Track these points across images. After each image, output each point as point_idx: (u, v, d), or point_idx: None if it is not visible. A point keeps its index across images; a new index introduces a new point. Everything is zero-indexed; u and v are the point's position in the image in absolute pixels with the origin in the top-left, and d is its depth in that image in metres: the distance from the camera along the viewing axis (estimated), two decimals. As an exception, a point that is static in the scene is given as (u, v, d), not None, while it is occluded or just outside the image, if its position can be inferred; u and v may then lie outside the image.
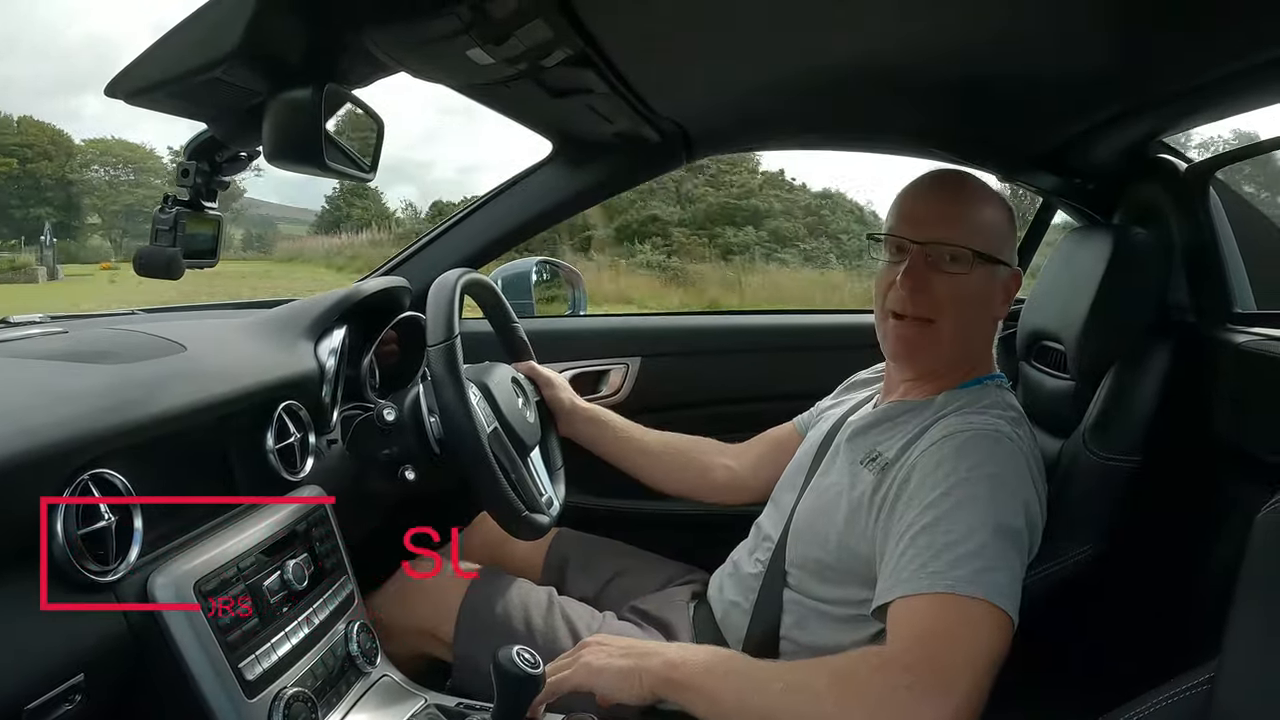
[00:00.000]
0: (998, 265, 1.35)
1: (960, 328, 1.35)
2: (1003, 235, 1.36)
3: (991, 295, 1.37)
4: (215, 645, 1.07)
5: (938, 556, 1.10)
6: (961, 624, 1.06)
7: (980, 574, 1.08)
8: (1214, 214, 1.56)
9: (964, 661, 1.04)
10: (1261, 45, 1.13)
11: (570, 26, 1.18)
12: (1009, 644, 1.08)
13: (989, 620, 1.07)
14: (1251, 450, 1.33)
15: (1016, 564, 1.13)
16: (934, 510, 1.15)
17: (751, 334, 2.42)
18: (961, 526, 1.12)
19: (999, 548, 1.11)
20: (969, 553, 1.09)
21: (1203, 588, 1.31)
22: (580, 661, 1.22)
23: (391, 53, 1.18)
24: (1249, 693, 0.78)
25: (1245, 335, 1.42)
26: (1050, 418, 1.59)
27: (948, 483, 1.17)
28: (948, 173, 1.44)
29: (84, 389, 1.06)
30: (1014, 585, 1.10)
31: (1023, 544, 1.15)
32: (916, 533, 1.15)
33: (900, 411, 1.39)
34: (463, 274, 1.60)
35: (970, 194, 1.38)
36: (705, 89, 1.63)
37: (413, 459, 1.56)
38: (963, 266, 1.32)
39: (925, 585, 1.09)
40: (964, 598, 1.07)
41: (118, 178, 37.75)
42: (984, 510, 1.13)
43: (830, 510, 1.34)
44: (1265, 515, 0.83)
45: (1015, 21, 1.20)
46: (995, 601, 1.07)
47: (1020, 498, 1.17)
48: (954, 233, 1.32)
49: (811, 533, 1.37)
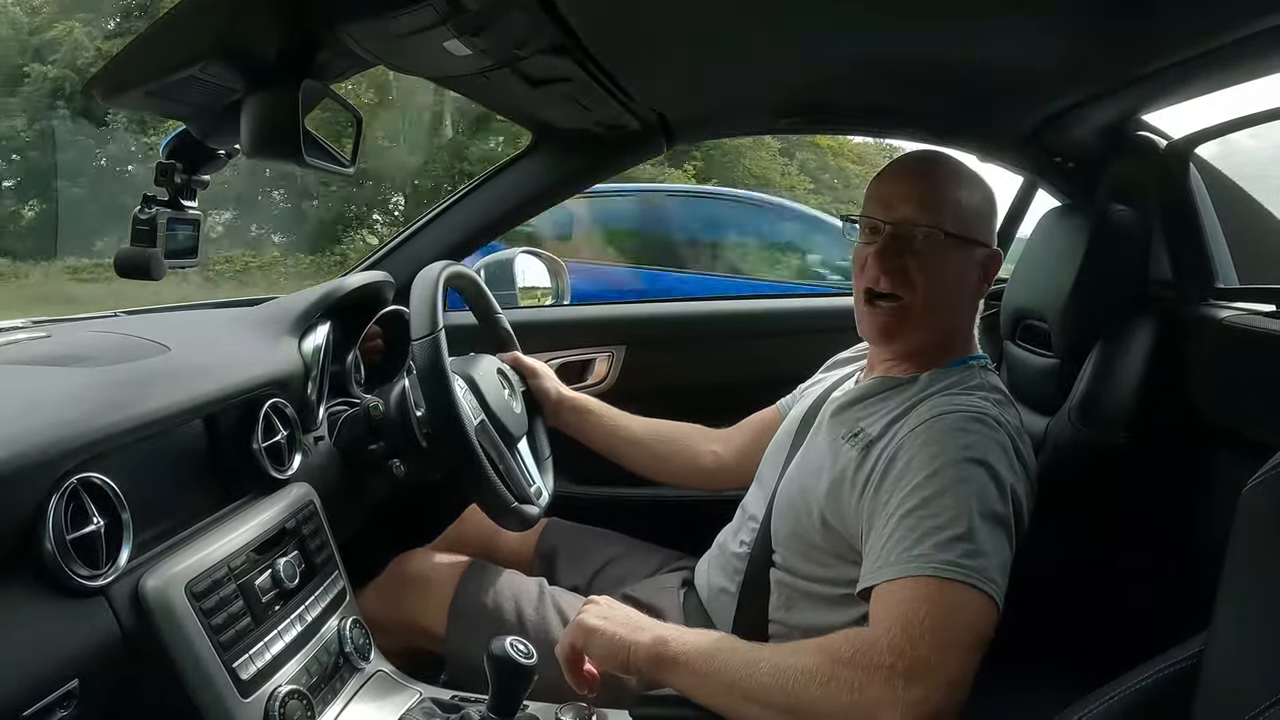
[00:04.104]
0: (973, 245, 1.35)
1: (932, 307, 1.35)
2: (977, 215, 1.36)
3: (965, 275, 1.37)
4: (208, 646, 1.07)
5: (923, 540, 1.10)
6: (945, 608, 1.06)
7: (966, 558, 1.08)
8: (1195, 190, 1.56)
9: (947, 646, 1.03)
10: (1240, 21, 1.14)
11: (547, 16, 1.18)
12: (994, 628, 1.08)
13: (973, 605, 1.07)
14: (1235, 424, 1.34)
15: (1005, 548, 1.13)
16: (920, 493, 1.15)
17: (736, 319, 2.41)
18: (948, 511, 1.12)
19: (985, 533, 1.11)
20: (954, 537, 1.09)
21: (1189, 562, 1.32)
22: (578, 617, 1.22)
23: (368, 47, 1.17)
24: (1236, 662, 0.79)
25: (1227, 310, 1.42)
26: (1035, 396, 1.60)
27: (934, 464, 1.16)
28: (920, 154, 1.45)
29: (68, 393, 1.06)
30: (1001, 570, 1.10)
31: (1009, 528, 1.15)
32: (902, 515, 1.14)
33: (883, 388, 1.39)
34: (445, 266, 1.60)
35: (942, 174, 1.38)
36: (682, 77, 1.63)
37: (400, 453, 1.56)
38: (933, 245, 1.32)
39: (911, 569, 1.09)
40: (949, 582, 1.07)
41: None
42: (971, 495, 1.13)
43: (813, 486, 1.34)
44: (1250, 489, 0.83)
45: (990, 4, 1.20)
46: (980, 586, 1.06)
47: (1007, 482, 1.17)
48: (924, 213, 1.33)
49: (794, 510, 1.36)
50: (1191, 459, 1.40)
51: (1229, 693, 0.78)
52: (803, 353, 1.85)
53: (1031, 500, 1.25)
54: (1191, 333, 1.45)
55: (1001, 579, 1.10)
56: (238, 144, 1.16)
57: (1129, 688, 0.87)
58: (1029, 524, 1.23)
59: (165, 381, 1.19)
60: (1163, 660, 0.87)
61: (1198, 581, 0.88)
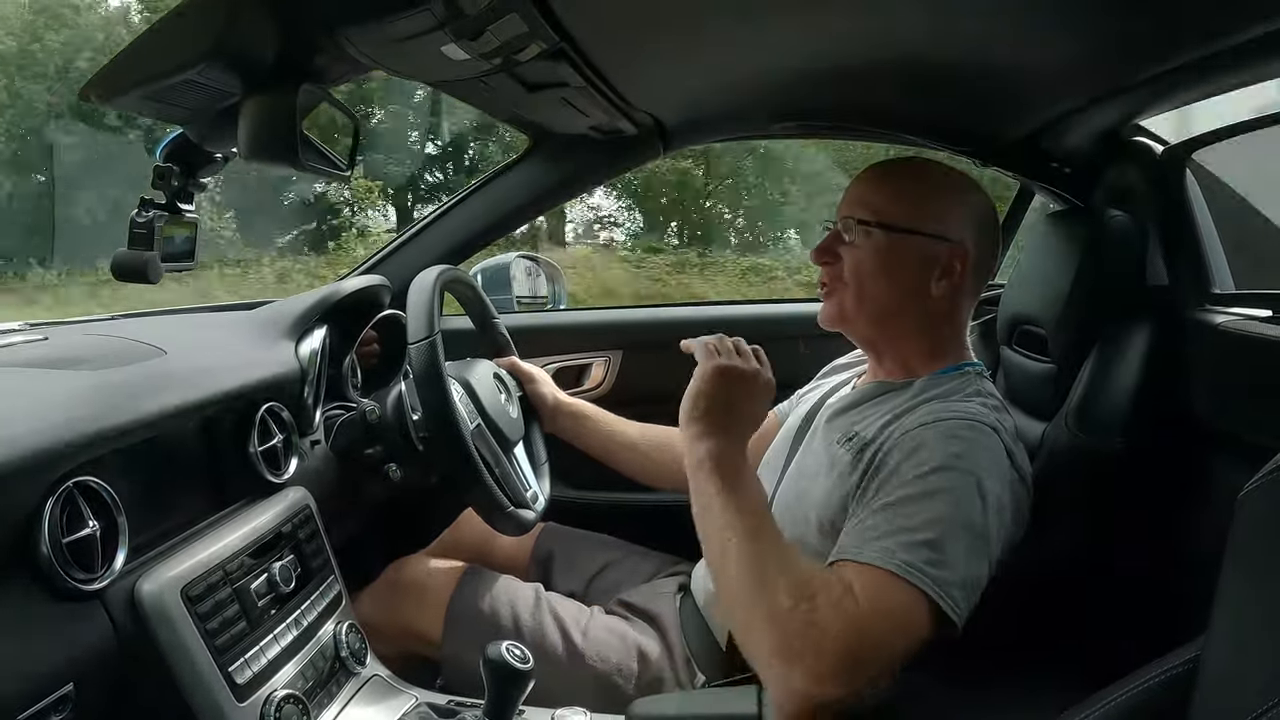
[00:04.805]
0: (914, 235, 1.34)
1: (864, 297, 1.36)
2: (928, 208, 1.35)
3: (904, 265, 1.35)
4: (204, 650, 1.07)
5: (892, 535, 1.10)
6: (891, 606, 1.06)
7: (928, 565, 1.07)
8: (1191, 196, 1.56)
9: (876, 641, 1.04)
10: (1236, 27, 1.14)
11: (544, 21, 1.18)
12: (929, 639, 1.07)
13: (918, 611, 1.06)
14: (1232, 429, 1.34)
15: (975, 564, 1.11)
16: (903, 491, 1.14)
17: (733, 324, 2.40)
18: (924, 515, 1.11)
19: (956, 545, 1.09)
20: (922, 542, 1.08)
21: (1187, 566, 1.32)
22: (709, 364, 1.29)
23: (366, 51, 1.17)
24: (1234, 665, 0.79)
25: (1224, 315, 1.42)
26: (1032, 401, 1.60)
27: (921, 468, 1.15)
28: (889, 160, 1.45)
29: (64, 396, 1.06)
30: (963, 586, 1.08)
31: (987, 542, 1.13)
32: (880, 507, 1.14)
33: (878, 392, 1.39)
34: (442, 270, 1.60)
35: (896, 174, 1.40)
36: (679, 81, 1.63)
37: (397, 457, 1.56)
38: (863, 236, 1.34)
39: (873, 557, 1.08)
40: (902, 581, 1.06)
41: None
42: (951, 505, 1.12)
43: (809, 491, 1.34)
44: (1247, 493, 0.84)
45: (986, 7, 1.21)
46: (933, 596, 1.05)
47: (993, 493, 1.16)
48: (864, 208, 1.35)
49: (791, 515, 1.36)
50: (1188, 463, 1.40)
51: (1227, 696, 0.78)
52: (800, 357, 1.85)
53: (1027, 505, 1.24)
54: (1188, 338, 1.45)
55: (962, 594, 1.08)
56: (235, 148, 1.16)
57: (1127, 691, 0.88)
58: (1026, 528, 1.23)
59: (161, 385, 1.19)
60: (1160, 664, 0.87)
61: (1195, 585, 0.88)
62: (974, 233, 1.35)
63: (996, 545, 1.15)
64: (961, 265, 1.33)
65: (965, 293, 1.38)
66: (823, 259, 1.39)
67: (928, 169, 1.41)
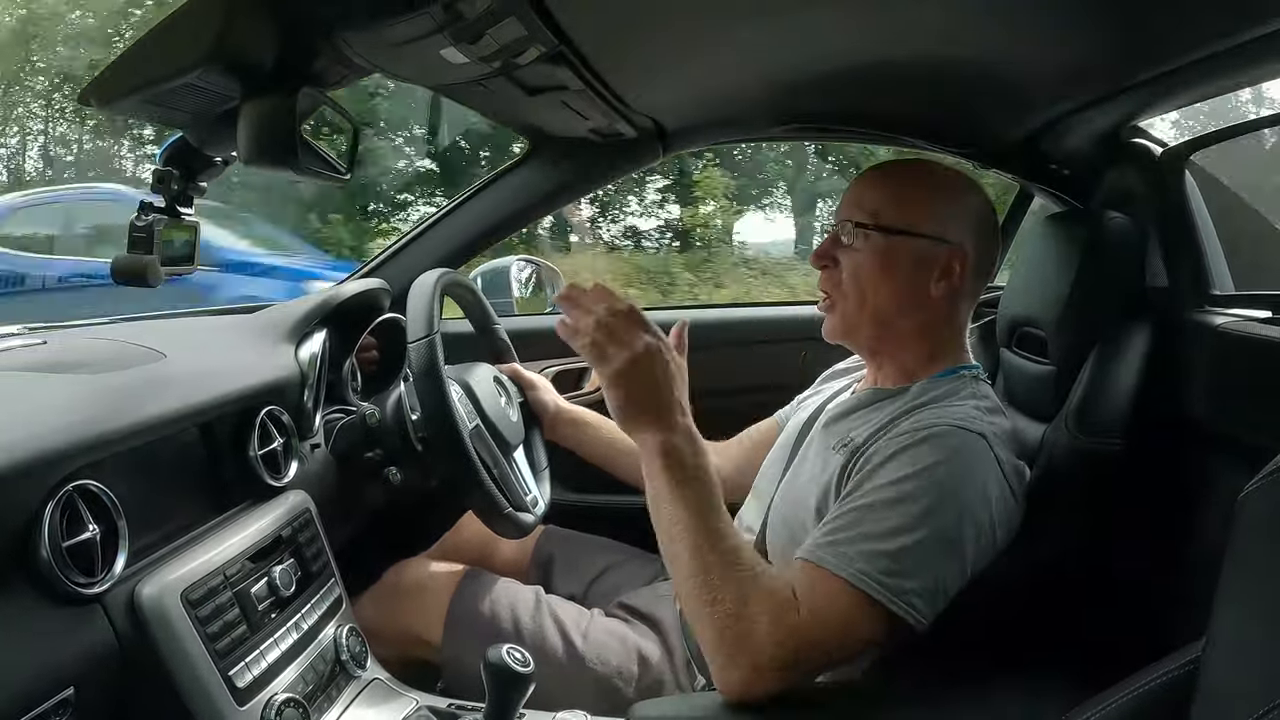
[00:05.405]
0: (911, 236, 1.33)
1: (865, 302, 1.35)
2: (926, 209, 1.34)
3: (902, 267, 1.34)
4: (204, 654, 1.07)
5: (853, 542, 1.10)
6: (832, 614, 1.07)
7: (885, 575, 1.07)
8: (1190, 197, 1.56)
9: (814, 645, 1.07)
10: (1235, 28, 1.14)
11: (543, 24, 1.18)
12: (882, 642, 1.10)
13: (867, 618, 1.07)
14: (1231, 430, 1.34)
15: (944, 570, 1.12)
16: (876, 496, 1.14)
17: (733, 327, 2.41)
18: (888, 524, 1.11)
19: (921, 555, 1.10)
20: (882, 552, 1.09)
21: (1187, 567, 1.32)
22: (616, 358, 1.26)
23: (365, 54, 1.17)
24: (1235, 667, 0.79)
25: (1223, 317, 1.42)
26: (1032, 403, 1.60)
27: (898, 474, 1.15)
28: (887, 162, 1.45)
29: (64, 400, 1.06)
30: (926, 593, 1.09)
31: (960, 551, 1.13)
32: (850, 509, 1.15)
33: (875, 398, 1.38)
34: (442, 274, 1.60)
35: (894, 175, 1.39)
36: (679, 84, 1.63)
37: (397, 460, 1.56)
38: (859, 238, 1.34)
39: (830, 563, 1.09)
40: (854, 589, 1.07)
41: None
42: (920, 513, 1.12)
43: (805, 498, 1.33)
44: (1247, 494, 0.83)
45: (986, 10, 1.21)
46: (885, 603, 1.07)
47: (971, 503, 1.15)
48: (862, 211, 1.34)
49: (788, 522, 1.36)
50: (1188, 464, 1.40)
51: (1228, 697, 0.77)
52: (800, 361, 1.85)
53: (1018, 510, 1.24)
54: (1188, 339, 1.45)
55: (924, 600, 1.09)
56: (234, 151, 1.16)
57: (1127, 693, 0.87)
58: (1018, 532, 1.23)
59: (161, 389, 1.19)
60: (1161, 666, 0.87)
61: (1195, 587, 0.88)
62: (973, 234, 1.34)
63: (973, 551, 1.15)
64: (961, 267, 1.33)
65: (964, 294, 1.37)
66: (821, 262, 1.39)
67: (926, 170, 1.41)
